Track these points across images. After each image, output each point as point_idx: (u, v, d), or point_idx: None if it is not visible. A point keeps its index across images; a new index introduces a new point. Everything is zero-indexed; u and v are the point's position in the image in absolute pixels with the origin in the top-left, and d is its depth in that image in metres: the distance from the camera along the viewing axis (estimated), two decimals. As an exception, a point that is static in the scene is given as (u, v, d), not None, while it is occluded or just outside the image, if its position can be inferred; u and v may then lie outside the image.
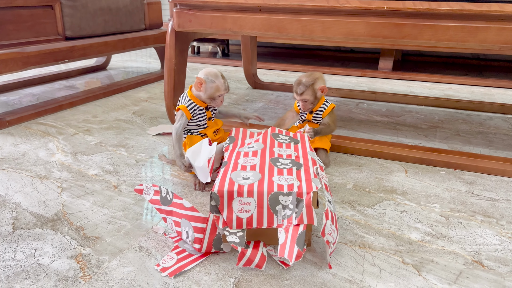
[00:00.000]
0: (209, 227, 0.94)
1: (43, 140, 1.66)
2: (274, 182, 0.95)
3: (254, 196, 0.92)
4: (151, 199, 1.01)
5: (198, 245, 0.94)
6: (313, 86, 1.40)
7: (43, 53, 1.89)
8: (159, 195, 1.00)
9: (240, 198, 0.92)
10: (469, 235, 1.06)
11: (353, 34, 1.42)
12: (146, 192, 1.02)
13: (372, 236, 1.04)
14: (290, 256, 0.84)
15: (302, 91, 1.40)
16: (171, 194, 0.98)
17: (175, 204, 0.97)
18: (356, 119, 2.03)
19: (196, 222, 0.94)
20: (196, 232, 0.94)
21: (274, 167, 1.03)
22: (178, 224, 0.98)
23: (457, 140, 1.74)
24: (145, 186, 1.02)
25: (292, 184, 0.94)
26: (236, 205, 0.92)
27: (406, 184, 1.34)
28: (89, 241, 1.00)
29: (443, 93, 2.61)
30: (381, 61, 3.18)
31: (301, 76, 1.43)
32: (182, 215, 0.95)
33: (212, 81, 1.30)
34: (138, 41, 2.49)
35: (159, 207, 1.01)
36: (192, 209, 0.94)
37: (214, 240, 0.95)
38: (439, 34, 1.32)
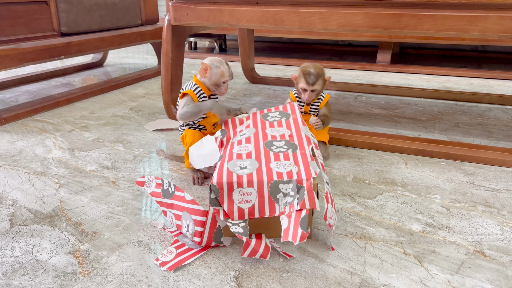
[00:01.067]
0: (209, 220, 0.93)
1: (40, 137, 1.64)
2: (272, 170, 0.94)
3: (254, 186, 0.91)
4: (152, 192, 1.00)
5: (198, 238, 0.94)
6: (323, 76, 1.40)
7: (38, 49, 1.87)
8: (161, 188, 0.99)
9: (240, 189, 0.91)
10: (470, 225, 1.05)
11: (352, 25, 1.41)
12: (147, 185, 1.01)
13: (373, 228, 1.04)
14: (295, 238, 0.83)
15: (314, 81, 1.37)
16: (173, 187, 0.97)
17: (176, 197, 0.96)
18: (355, 112, 2.02)
19: (196, 215, 0.93)
20: (196, 225, 0.93)
21: (270, 152, 1.02)
22: (179, 217, 0.97)
23: (457, 132, 1.73)
24: (147, 179, 1.01)
25: (290, 170, 0.93)
26: (237, 196, 0.92)
27: (406, 175, 1.33)
28: (88, 236, 0.99)
29: (442, 85, 2.60)
30: (379, 54, 3.17)
31: (306, 65, 1.41)
32: (184, 208, 0.95)
33: (217, 67, 1.29)
34: (135, 37, 2.47)
35: (160, 200, 1.00)
36: (193, 202, 0.94)
37: (215, 233, 0.94)
38: (438, 24, 1.31)
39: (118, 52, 3.92)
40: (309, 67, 1.39)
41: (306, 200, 0.88)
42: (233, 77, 1.33)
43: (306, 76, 1.38)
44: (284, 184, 0.91)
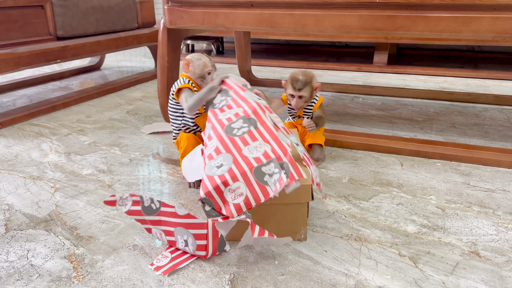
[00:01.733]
0: (211, 231, 0.90)
1: (36, 141, 1.64)
2: (248, 157, 0.94)
3: (240, 178, 0.90)
4: (128, 210, 0.92)
5: (203, 252, 0.91)
6: (311, 84, 1.37)
7: (34, 53, 1.87)
8: (140, 205, 0.92)
9: (228, 187, 0.90)
10: (465, 226, 1.05)
11: (346, 27, 1.41)
12: (120, 203, 0.92)
13: (368, 229, 1.04)
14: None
15: (300, 87, 1.35)
16: (157, 203, 0.92)
17: (164, 213, 0.92)
18: (351, 113, 2.03)
19: (195, 229, 0.90)
20: (198, 239, 0.90)
21: (234, 138, 0.99)
22: (171, 233, 0.93)
23: (453, 132, 1.74)
24: (118, 197, 0.91)
25: (265, 151, 0.94)
26: (229, 195, 0.91)
27: (402, 176, 1.33)
28: (83, 240, 0.99)
29: (438, 86, 2.60)
30: (376, 55, 3.17)
31: (295, 73, 1.39)
32: (176, 224, 0.91)
33: (198, 59, 1.29)
34: (131, 40, 2.47)
35: (140, 218, 0.93)
36: (188, 216, 0.90)
37: (218, 243, 0.92)
38: (432, 25, 1.31)
39: (115, 55, 3.92)
40: (298, 74, 1.37)
41: (293, 172, 0.89)
42: (216, 68, 1.32)
43: (294, 82, 1.35)
44: (265, 166, 0.91)
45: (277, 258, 0.93)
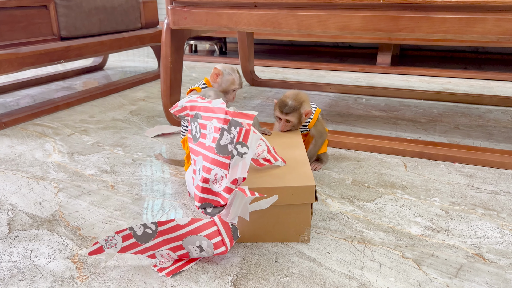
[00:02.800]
0: (221, 225, 0.89)
1: (40, 141, 1.64)
2: (205, 144, 0.99)
3: (211, 166, 0.96)
4: (121, 249, 0.87)
5: (222, 247, 0.89)
6: (299, 110, 1.29)
7: (38, 53, 1.87)
8: (133, 237, 0.87)
9: (210, 181, 0.97)
10: (469, 228, 1.05)
11: (350, 28, 1.41)
12: (108, 246, 0.87)
13: (372, 231, 1.03)
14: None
15: (288, 112, 1.28)
16: (152, 226, 0.87)
17: (165, 232, 0.88)
18: (354, 114, 2.02)
19: (205, 230, 0.89)
20: (212, 238, 0.89)
21: (193, 139, 1.05)
22: (180, 248, 0.90)
23: (457, 134, 1.73)
24: (103, 241, 0.86)
25: (217, 123, 0.97)
26: (215, 187, 0.97)
27: (406, 178, 1.33)
28: (86, 241, 0.99)
29: (442, 87, 2.59)
30: (379, 56, 3.16)
31: (286, 95, 1.31)
32: (183, 235, 0.88)
33: (229, 74, 1.33)
34: (134, 40, 2.48)
35: (138, 249, 0.88)
36: (193, 221, 0.88)
37: (233, 233, 0.90)
38: (436, 26, 1.31)
39: (118, 55, 3.93)
40: (288, 98, 1.30)
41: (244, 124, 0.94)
42: (242, 86, 1.35)
43: (281, 105, 1.29)
44: (225, 136, 0.94)
45: (280, 260, 0.92)
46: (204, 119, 1.03)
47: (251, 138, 0.90)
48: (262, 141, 1.01)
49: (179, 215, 1.11)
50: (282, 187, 0.93)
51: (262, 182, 0.95)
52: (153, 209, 1.14)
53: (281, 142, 1.22)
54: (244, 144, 0.91)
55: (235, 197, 0.86)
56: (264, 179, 0.96)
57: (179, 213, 1.12)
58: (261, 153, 1.01)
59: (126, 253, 0.89)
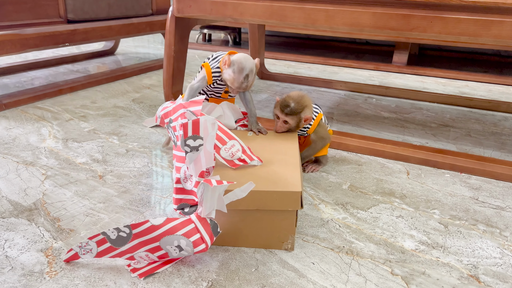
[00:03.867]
0: (198, 223, 0.85)
1: (37, 125, 1.62)
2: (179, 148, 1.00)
3: (180, 164, 0.96)
4: (97, 254, 0.84)
5: (202, 245, 0.84)
6: (300, 115, 1.23)
7: (42, 35, 1.85)
8: (108, 241, 0.84)
9: (182, 180, 0.95)
10: (468, 246, 0.98)
11: (358, 24, 1.34)
12: (83, 252, 0.84)
13: (362, 242, 0.98)
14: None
15: (288, 113, 1.21)
16: (126, 229, 0.83)
17: (139, 234, 0.83)
18: (362, 114, 1.95)
19: (182, 229, 0.84)
20: (190, 236, 0.84)
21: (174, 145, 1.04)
22: (157, 249, 0.85)
23: (467, 141, 1.65)
24: (77, 247, 0.84)
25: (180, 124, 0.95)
26: (188, 185, 0.95)
27: (406, 186, 1.26)
28: (63, 233, 0.96)
29: (458, 91, 2.49)
30: (395, 54, 3.06)
31: (290, 96, 1.25)
32: (159, 236, 0.84)
33: (234, 72, 1.19)
34: (144, 27, 2.44)
35: (115, 253, 0.85)
36: (169, 221, 0.84)
37: (212, 229, 0.86)
38: (449, 27, 1.23)
39: (131, 41, 3.90)
40: (292, 99, 1.23)
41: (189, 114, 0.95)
42: (246, 90, 1.24)
43: (283, 105, 1.22)
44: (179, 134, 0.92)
45: (260, 268, 0.87)
46: (175, 121, 0.99)
47: (202, 126, 0.86)
48: (236, 141, 0.97)
49: (164, 212, 1.06)
50: (266, 191, 0.87)
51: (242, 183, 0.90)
52: (138, 204, 1.10)
53: (275, 142, 1.16)
54: (196, 136, 0.86)
55: (204, 190, 0.81)
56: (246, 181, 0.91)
57: (164, 209, 1.08)
58: (235, 153, 0.96)
59: (103, 257, 0.86)
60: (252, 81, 1.22)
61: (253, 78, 1.22)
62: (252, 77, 1.21)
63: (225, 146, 0.96)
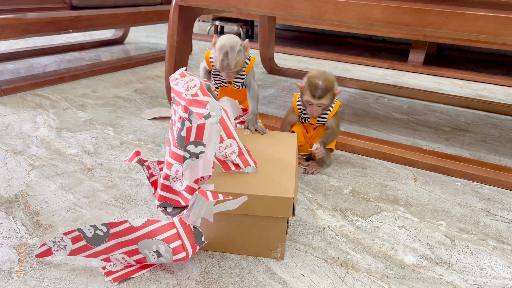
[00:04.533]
0: (181, 228, 0.79)
1: (33, 112, 1.58)
2: (172, 135, 0.91)
3: (172, 161, 0.88)
4: (72, 251, 0.79)
5: (182, 253, 0.78)
6: (333, 90, 1.19)
7: (44, 21, 1.80)
8: (83, 239, 0.78)
9: (170, 177, 0.89)
10: (475, 263, 0.90)
11: (369, 18, 1.25)
12: (57, 248, 0.79)
13: (359, 254, 0.90)
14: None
15: (321, 95, 1.17)
16: (103, 227, 0.77)
17: (117, 234, 0.78)
18: (372, 114, 1.86)
19: (163, 233, 0.78)
20: (171, 242, 0.78)
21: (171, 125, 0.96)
22: (135, 252, 0.79)
23: (482, 147, 1.55)
24: (50, 242, 0.79)
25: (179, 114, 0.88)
26: (176, 185, 0.88)
27: (413, 194, 1.17)
28: (40, 229, 0.91)
29: (476, 93, 2.38)
30: (411, 53, 2.95)
31: (314, 76, 1.19)
32: (138, 238, 0.78)
33: (215, 51, 1.19)
34: (151, 16, 2.37)
35: (90, 253, 0.79)
36: (149, 223, 0.78)
37: (195, 237, 0.79)
38: (467, 25, 1.14)
39: (144, 30, 3.85)
40: (317, 78, 1.18)
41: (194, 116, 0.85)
42: (228, 70, 1.20)
43: (313, 88, 1.17)
44: (183, 130, 0.83)
45: (245, 277, 0.81)
46: (176, 104, 0.91)
47: (207, 132, 0.78)
48: (235, 141, 0.89)
49: (150, 211, 1.00)
50: (255, 195, 0.80)
51: (232, 186, 0.83)
52: (124, 201, 1.04)
53: (272, 143, 1.09)
54: (199, 142, 0.78)
55: (196, 200, 0.74)
56: (236, 184, 0.84)
57: (150, 207, 1.01)
58: (229, 155, 0.88)
59: (77, 256, 0.80)
60: (233, 60, 1.18)
61: (235, 57, 1.18)
62: (233, 55, 1.17)
63: (221, 145, 0.89)
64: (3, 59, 2.31)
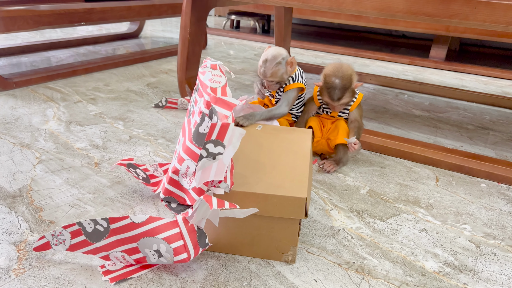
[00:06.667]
0: (184, 228, 0.74)
1: (44, 105, 1.55)
2: (190, 124, 0.86)
3: (185, 156, 0.82)
4: (70, 247, 0.76)
5: (184, 254, 0.74)
6: (351, 87, 1.15)
7: (57, 13, 1.77)
8: (83, 233, 0.75)
9: (180, 173, 0.84)
10: (502, 271, 0.83)
11: (390, 9, 1.19)
12: (56, 242, 0.76)
13: (376, 259, 0.84)
14: None
15: (340, 96, 1.14)
16: (104, 222, 0.74)
17: (118, 230, 0.74)
18: (391, 111, 1.78)
19: (165, 232, 0.74)
20: (172, 241, 0.74)
21: (188, 112, 0.92)
22: (135, 251, 0.75)
23: (509, 147, 1.46)
24: (50, 236, 0.76)
25: (199, 110, 0.82)
26: (184, 182, 0.83)
27: (434, 195, 1.11)
28: (42, 225, 0.87)
29: (501, 90, 2.27)
30: (433, 49, 2.85)
31: (330, 74, 1.14)
32: (138, 236, 0.74)
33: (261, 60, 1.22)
34: (166, 9, 2.34)
35: (90, 249, 0.76)
36: (151, 220, 0.74)
37: (198, 238, 0.75)
38: (496, 15, 1.06)
39: (161, 24, 3.83)
40: (334, 77, 1.13)
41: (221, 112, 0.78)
42: (266, 78, 1.21)
43: (331, 91, 1.14)
44: (205, 122, 0.79)
45: (253, 282, 0.76)
46: (199, 95, 0.86)
47: (229, 134, 0.73)
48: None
49: (157, 208, 0.96)
50: (266, 195, 0.75)
51: (240, 184, 0.78)
52: (130, 197, 1.00)
53: (286, 139, 1.03)
54: (219, 142, 0.73)
55: (200, 205, 0.69)
56: (245, 182, 0.79)
57: (156, 204, 0.97)
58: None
59: (76, 251, 0.76)
60: (270, 69, 1.19)
61: (273, 67, 1.19)
62: (271, 65, 1.19)
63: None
64: (18, 52, 2.31)
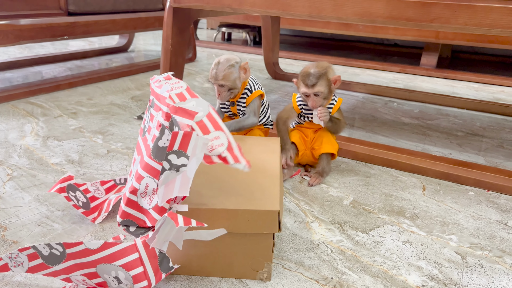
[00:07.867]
0: (144, 253, 0.70)
1: (23, 120, 1.52)
2: (147, 141, 0.83)
3: (144, 174, 0.79)
4: (29, 269, 0.71)
5: (144, 282, 0.69)
6: (326, 76, 1.14)
7: (38, 27, 1.75)
8: (40, 257, 0.70)
9: (139, 192, 0.81)
10: (489, 284, 0.78)
11: (370, 15, 1.16)
12: (13, 264, 0.72)
13: (356, 274, 0.80)
14: None
15: (314, 82, 1.12)
16: (59, 247, 0.69)
17: (73, 255, 0.70)
18: (380, 119, 1.75)
19: (122, 258, 0.69)
20: (131, 268, 0.69)
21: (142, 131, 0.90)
22: (94, 275, 0.71)
23: (499, 154, 1.43)
24: (7, 258, 0.72)
25: (159, 121, 0.79)
26: (144, 202, 0.80)
27: (420, 204, 1.06)
28: (4, 245, 0.83)
29: (492, 96, 2.24)
30: (423, 56, 2.83)
31: (306, 66, 1.16)
32: (95, 262, 0.69)
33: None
34: (152, 22, 2.32)
35: (49, 271, 0.71)
36: (107, 246, 0.69)
37: (159, 263, 0.70)
38: (478, 18, 1.03)
39: (152, 37, 3.82)
40: (309, 67, 1.14)
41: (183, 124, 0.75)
42: (216, 82, 1.17)
43: (305, 78, 1.13)
44: (165, 135, 0.76)
45: None
46: (155, 109, 0.83)
47: (193, 143, 0.68)
48: (224, 134, 0.76)
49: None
50: (236, 210, 0.71)
51: (207, 199, 0.74)
52: (101, 213, 0.95)
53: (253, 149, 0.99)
54: (182, 152, 0.69)
55: (164, 223, 0.65)
56: (212, 197, 0.75)
57: (128, 221, 0.93)
58: (215, 147, 0.76)
59: (36, 274, 0.72)
60: (223, 71, 1.17)
61: (225, 69, 1.17)
62: (224, 67, 1.17)
63: (207, 136, 0.78)
64: (4, 68, 2.28)
